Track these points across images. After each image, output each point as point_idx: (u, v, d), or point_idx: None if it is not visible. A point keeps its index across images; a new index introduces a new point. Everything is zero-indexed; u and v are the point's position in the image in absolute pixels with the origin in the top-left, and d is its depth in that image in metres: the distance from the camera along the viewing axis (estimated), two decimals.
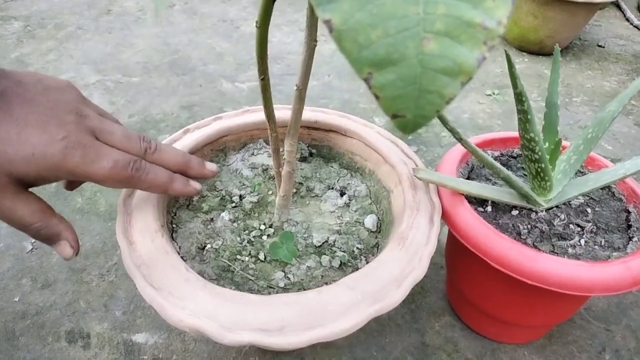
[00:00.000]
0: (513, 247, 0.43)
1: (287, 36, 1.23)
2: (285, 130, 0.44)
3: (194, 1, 1.46)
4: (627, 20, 1.51)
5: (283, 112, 0.55)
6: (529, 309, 0.49)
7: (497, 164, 0.45)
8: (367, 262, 0.46)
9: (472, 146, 0.44)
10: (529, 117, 0.41)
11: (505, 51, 0.38)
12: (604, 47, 1.31)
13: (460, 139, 0.43)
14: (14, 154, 0.32)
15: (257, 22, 0.34)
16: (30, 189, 0.35)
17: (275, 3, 0.35)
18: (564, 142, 0.51)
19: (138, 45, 1.19)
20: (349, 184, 0.55)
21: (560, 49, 0.49)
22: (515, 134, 0.58)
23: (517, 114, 0.42)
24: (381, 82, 0.22)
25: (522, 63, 1.19)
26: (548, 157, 0.46)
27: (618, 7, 1.60)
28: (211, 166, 0.45)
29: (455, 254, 0.53)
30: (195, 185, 0.43)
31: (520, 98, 0.40)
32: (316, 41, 0.38)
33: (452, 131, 0.42)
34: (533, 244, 0.46)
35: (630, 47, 1.34)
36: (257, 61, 0.37)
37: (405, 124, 0.24)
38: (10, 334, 0.54)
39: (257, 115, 0.57)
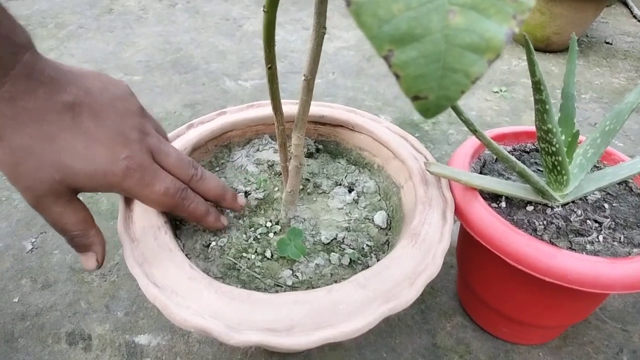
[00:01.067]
0: (530, 243, 0.41)
1: (290, 34, 1.22)
2: (292, 125, 0.42)
3: (196, 0, 1.44)
4: (635, 17, 1.49)
5: (289, 107, 0.53)
6: (545, 308, 0.47)
7: (512, 157, 0.44)
8: (378, 260, 0.44)
9: (486, 138, 0.42)
10: (547, 107, 0.40)
11: (525, 35, 0.37)
12: (611, 44, 1.30)
13: (474, 131, 0.41)
14: (79, 169, 0.34)
15: (264, 7, 0.33)
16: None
17: (279, 2, 0.33)
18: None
19: (140, 44, 1.18)
20: (357, 180, 0.53)
21: (567, 46, 0.47)
22: (527, 128, 0.56)
23: (535, 104, 0.40)
24: (403, 60, 0.20)
25: None
26: (565, 149, 0.44)
27: (624, 4, 1.58)
28: (241, 200, 0.46)
29: (468, 252, 0.51)
30: (224, 221, 0.44)
31: (538, 86, 0.38)
32: (325, 28, 0.36)
33: (467, 122, 0.41)
34: (550, 241, 0.44)
35: (638, 43, 1.32)
36: (264, 49, 0.36)
37: (427, 106, 0.22)
38: (9, 335, 0.52)
39: (263, 110, 0.56)
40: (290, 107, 0.54)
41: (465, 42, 0.20)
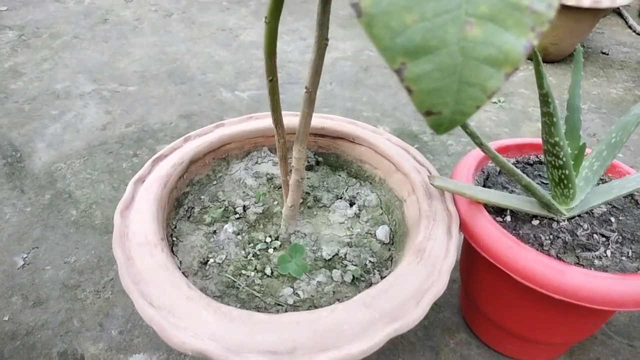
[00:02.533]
0: (538, 259, 0.40)
1: (287, 45, 1.21)
2: (292, 137, 0.41)
3: (192, 10, 1.44)
4: (630, 27, 1.50)
5: (289, 119, 0.52)
6: (552, 325, 0.46)
7: (518, 171, 0.43)
8: (381, 277, 0.43)
9: (492, 152, 0.41)
10: (554, 119, 0.39)
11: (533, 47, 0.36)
12: (608, 54, 1.30)
13: (480, 144, 0.40)
14: None
15: (265, 17, 0.31)
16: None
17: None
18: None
19: (135, 54, 1.17)
20: (358, 193, 0.52)
21: (564, 56, 0.46)
22: (531, 140, 0.55)
23: (542, 117, 0.40)
24: (416, 73, 0.19)
25: (527, 70, 1.17)
26: (572, 163, 0.43)
27: (619, 14, 1.59)
28: None
29: (472, 267, 0.50)
30: None
31: (546, 99, 0.37)
32: (327, 40, 0.35)
33: (473, 135, 0.40)
34: (557, 256, 0.43)
35: (634, 54, 1.32)
36: (265, 60, 0.35)
37: (441, 121, 0.21)
38: None
39: (262, 122, 0.55)
40: (289, 119, 0.53)
41: (482, 55, 0.19)
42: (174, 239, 0.44)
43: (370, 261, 0.44)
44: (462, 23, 0.19)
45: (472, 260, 0.49)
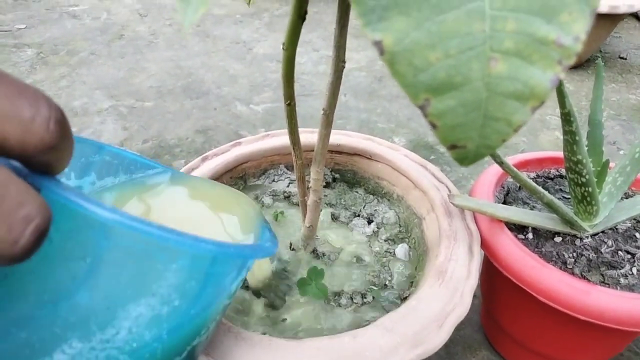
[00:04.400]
0: (563, 279, 0.39)
1: (300, 56, 1.21)
2: (309, 155, 0.41)
3: (206, 24, 1.45)
4: None
5: (304, 136, 0.52)
6: (577, 345, 0.45)
7: (540, 189, 0.42)
8: (401, 297, 0.42)
9: (513, 170, 0.40)
10: (576, 138, 0.38)
11: None
12: (626, 59, 1.28)
13: (501, 163, 0.40)
14: None
15: (283, 44, 0.32)
16: None
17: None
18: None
19: (151, 70, 1.18)
20: (376, 210, 0.52)
21: (581, 62, 0.45)
22: (551, 154, 0.55)
23: (564, 135, 0.39)
24: (440, 109, 0.19)
25: None
26: (595, 180, 0.42)
27: (637, 18, 1.57)
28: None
29: (493, 285, 0.49)
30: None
31: (568, 118, 0.37)
32: (344, 62, 0.35)
33: (493, 155, 0.39)
34: (581, 274, 0.42)
35: None
36: (283, 85, 0.35)
37: (465, 155, 0.21)
38: None
39: (278, 139, 0.55)
40: (305, 136, 0.53)
41: (508, 90, 0.19)
42: None
43: (389, 281, 0.44)
44: (486, 59, 0.18)
45: (494, 279, 0.48)
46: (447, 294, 0.38)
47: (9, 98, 0.16)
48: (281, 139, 0.55)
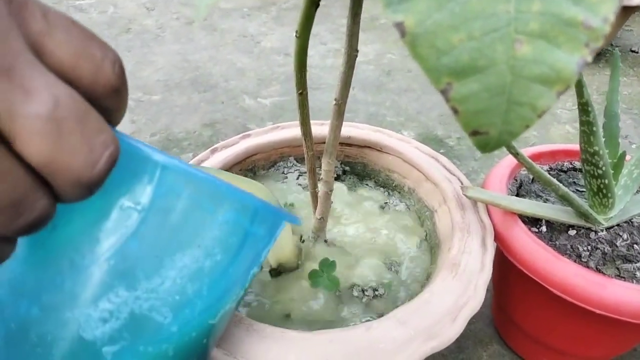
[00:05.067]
0: (578, 272, 0.39)
1: (308, 49, 1.20)
2: (317, 147, 0.41)
3: (213, 17, 1.45)
4: None
5: (314, 129, 0.52)
6: (590, 339, 0.45)
7: (555, 181, 0.41)
8: (413, 289, 0.42)
9: (528, 162, 0.40)
10: (594, 129, 0.37)
11: None
12: (637, 52, 1.26)
13: (516, 154, 0.39)
14: None
15: (296, 31, 0.31)
16: None
17: (296, 16, 0.32)
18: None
19: (158, 63, 1.18)
20: (387, 203, 0.51)
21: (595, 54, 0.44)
22: (564, 146, 0.54)
23: (580, 126, 0.38)
24: (462, 94, 0.19)
25: None
26: (611, 172, 0.42)
27: None
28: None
29: (506, 278, 0.49)
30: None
31: (585, 108, 0.36)
32: (357, 51, 0.35)
33: (508, 145, 0.39)
34: (596, 268, 0.41)
35: None
36: (295, 75, 0.34)
37: (487, 141, 0.20)
38: None
39: (288, 131, 0.54)
40: (315, 128, 0.52)
41: (533, 74, 0.18)
42: None
43: (402, 273, 0.43)
44: (511, 41, 0.18)
45: (507, 272, 0.48)
46: (461, 286, 0.37)
47: (82, 40, 0.17)
48: (291, 130, 0.54)
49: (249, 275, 0.27)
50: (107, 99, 0.18)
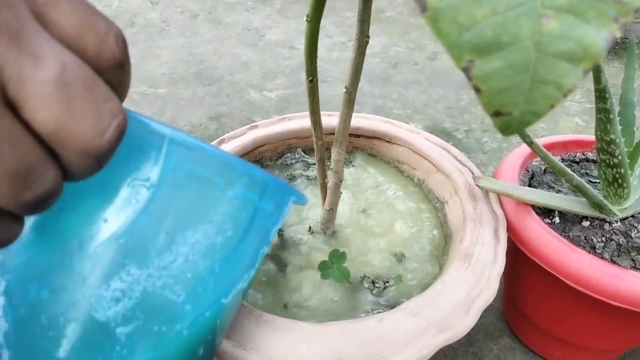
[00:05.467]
0: (594, 263, 0.38)
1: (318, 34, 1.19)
2: (326, 137, 0.40)
3: (217, 11, 1.44)
4: None
5: (322, 119, 0.51)
6: (605, 331, 0.44)
7: (569, 171, 0.40)
8: (424, 281, 0.41)
9: (543, 151, 0.39)
10: (610, 116, 0.36)
11: None
12: None
13: (530, 143, 0.38)
14: None
15: (307, 15, 0.30)
16: None
17: (300, 9, 0.31)
18: None
19: (163, 57, 1.17)
20: (397, 193, 0.51)
21: None
22: (576, 137, 0.53)
23: (597, 113, 0.37)
24: (485, 72, 0.18)
25: None
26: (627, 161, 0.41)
27: None
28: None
29: (518, 271, 0.48)
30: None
31: (602, 94, 0.35)
32: (368, 37, 0.34)
33: (522, 134, 0.38)
34: (611, 259, 0.41)
35: None
36: (305, 61, 0.33)
37: (509, 122, 0.19)
38: None
39: (295, 122, 0.53)
40: (324, 119, 0.51)
41: (559, 50, 0.17)
42: None
43: (412, 264, 0.43)
44: (537, 16, 0.17)
45: (518, 264, 0.47)
46: (474, 278, 0.36)
47: (87, 13, 0.17)
48: (299, 122, 0.54)
49: (259, 253, 0.26)
50: (111, 73, 0.17)
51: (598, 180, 0.49)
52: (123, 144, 0.17)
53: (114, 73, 0.18)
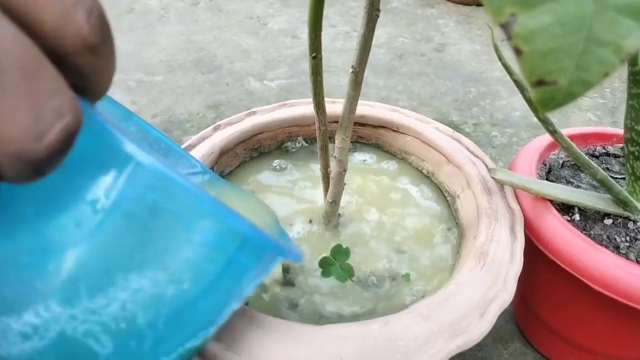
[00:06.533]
0: (620, 264, 0.35)
1: (324, 4, 1.16)
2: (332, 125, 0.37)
3: None
4: None
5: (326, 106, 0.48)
6: (628, 338, 0.41)
7: (594, 164, 0.37)
8: (433, 281, 0.38)
9: (567, 141, 0.36)
10: None
11: None
12: None
13: (554, 132, 0.35)
14: None
15: None
16: None
17: None
18: None
19: (161, 44, 1.14)
20: (405, 188, 0.47)
21: None
22: (597, 129, 0.50)
23: (628, 100, 0.34)
24: (529, 29, 0.14)
25: None
26: None
27: None
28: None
29: (533, 270, 0.45)
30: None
31: (637, 78, 0.32)
32: (379, 10, 0.31)
33: (546, 122, 0.34)
34: (637, 260, 0.37)
35: None
36: (308, 34, 0.30)
37: (553, 94, 0.16)
38: None
39: (296, 109, 0.50)
40: (327, 106, 0.48)
41: (622, 3, 0.14)
42: None
43: (420, 262, 0.39)
44: None
45: (534, 264, 0.43)
46: (490, 278, 0.33)
47: None
48: (300, 108, 0.50)
49: (225, 311, 0.22)
50: (77, 57, 0.14)
51: (620, 176, 0.45)
52: (78, 149, 0.14)
53: (82, 58, 0.14)
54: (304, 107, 0.50)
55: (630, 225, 0.40)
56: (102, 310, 0.18)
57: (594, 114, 0.90)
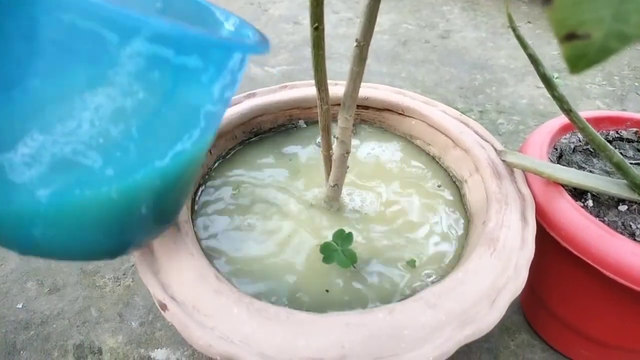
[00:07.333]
0: (636, 251, 0.33)
1: None
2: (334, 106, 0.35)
3: None
4: None
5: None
6: None
7: (610, 147, 0.35)
8: (440, 267, 0.36)
9: (583, 121, 0.34)
10: None
11: None
12: None
13: (569, 110, 0.33)
14: None
15: None
16: None
17: None
18: None
19: None
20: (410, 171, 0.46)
21: None
22: (610, 113, 0.48)
23: None
24: None
25: None
26: None
27: None
28: None
29: (543, 258, 0.43)
30: None
31: None
32: None
33: (561, 100, 0.33)
34: None
35: None
36: (310, 3, 0.28)
37: (585, 50, 0.14)
38: (10, 347, 0.46)
39: (297, 91, 0.48)
40: (329, 88, 0.46)
41: None
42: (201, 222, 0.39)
43: (427, 249, 0.38)
44: None
45: (545, 251, 0.42)
46: (500, 265, 0.31)
47: None
48: (301, 90, 0.48)
49: (200, 112, 0.24)
50: None
51: (634, 161, 0.44)
52: None
53: None
54: (306, 89, 0.48)
55: None
56: (77, 131, 0.20)
57: (603, 102, 0.88)
